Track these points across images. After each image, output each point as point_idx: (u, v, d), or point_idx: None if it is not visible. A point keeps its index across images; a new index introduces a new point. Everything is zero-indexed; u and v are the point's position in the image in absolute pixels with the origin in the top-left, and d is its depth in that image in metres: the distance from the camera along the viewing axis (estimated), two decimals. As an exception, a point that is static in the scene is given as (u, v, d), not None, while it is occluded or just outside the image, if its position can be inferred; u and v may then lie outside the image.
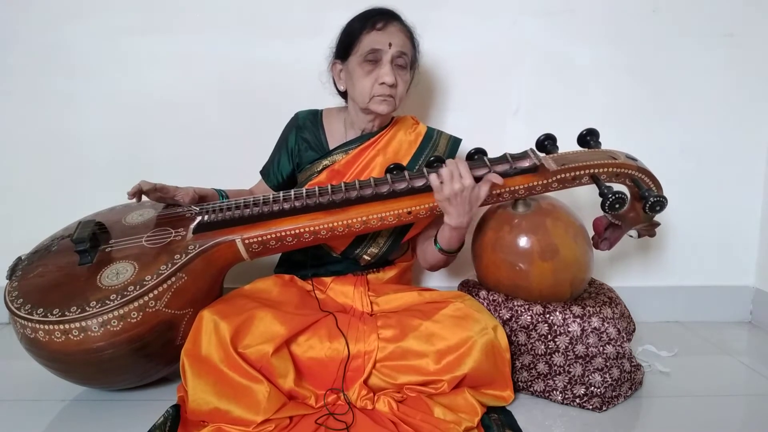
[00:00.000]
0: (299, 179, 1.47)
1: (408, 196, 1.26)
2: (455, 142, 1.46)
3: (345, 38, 1.35)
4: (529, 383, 1.26)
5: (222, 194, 1.43)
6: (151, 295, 1.13)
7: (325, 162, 1.42)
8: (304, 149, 1.45)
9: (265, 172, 1.52)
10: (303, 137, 1.46)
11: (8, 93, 1.68)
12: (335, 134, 1.46)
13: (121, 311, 1.10)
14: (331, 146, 1.44)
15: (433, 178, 1.23)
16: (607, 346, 1.21)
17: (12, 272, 1.24)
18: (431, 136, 1.45)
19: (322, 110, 1.50)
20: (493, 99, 1.71)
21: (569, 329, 1.22)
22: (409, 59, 1.35)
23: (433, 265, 1.42)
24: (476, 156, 1.29)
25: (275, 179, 1.50)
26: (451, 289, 1.50)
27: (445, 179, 1.21)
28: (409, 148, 1.42)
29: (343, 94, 1.44)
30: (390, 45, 1.30)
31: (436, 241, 1.34)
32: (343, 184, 1.28)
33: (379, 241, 1.40)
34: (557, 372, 1.23)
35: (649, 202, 1.21)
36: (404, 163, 1.39)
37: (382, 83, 1.31)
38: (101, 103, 1.69)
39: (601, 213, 1.25)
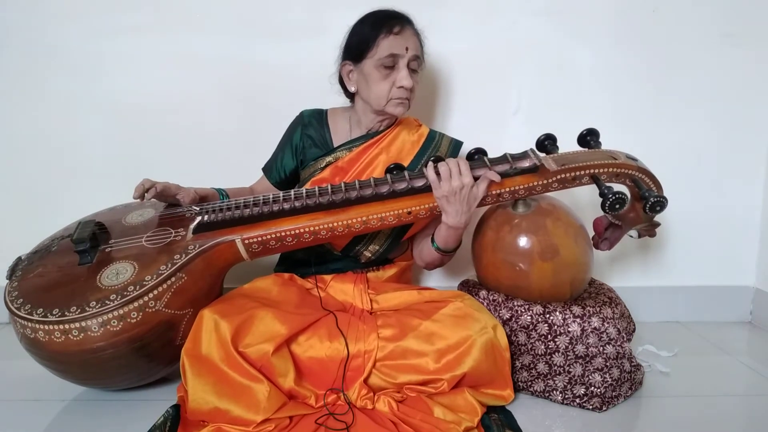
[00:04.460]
0: (302, 176, 1.47)
1: (408, 196, 1.26)
2: (456, 145, 1.46)
3: (358, 41, 1.34)
4: (529, 383, 1.26)
5: (222, 193, 1.43)
6: (150, 295, 1.13)
7: (329, 159, 1.42)
8: (309, 146, 1.46)
9: (267, 169, 1.53)
10: (308, 134, 1.46)
11: (8, 93, 1.68)
12: (340, 132, 1.46)
13: (121, 311, 1.10)
14: (336, 144, 1.45)
15: (431, 175, 1.23)
16: (607, 346, 1.21)
17: (12, 272, 1.24)
18: (433, 137, 1.45)
19: (326, 109, 1.51)
20: (493, 99, 1.71)
21: (569, 329, 1.22)
22: (421, 62, 1.37)
23: (429, 263, 1.42)
24: (476, 156, 1.29)
25: (277, 176, 1.50)
26: (451, 288, 1.50)
27: (444, 177, 1.21)
28: (411, 148, 1.43)
29: (350, 96, 1.45)
30: (407, 49, 1.31)
31: (433, 240, 1.35)
32: (343, 184, 1.28)
33: (380, 238, 1.41)
34: (557, 372, 1.23)
35: (650, 203, 1.20)
36: (406, 163, 1.40)
37: (401, 87, 1.32)
38: (101, 103, 1.69)
39: (601, 213, 1.25)
